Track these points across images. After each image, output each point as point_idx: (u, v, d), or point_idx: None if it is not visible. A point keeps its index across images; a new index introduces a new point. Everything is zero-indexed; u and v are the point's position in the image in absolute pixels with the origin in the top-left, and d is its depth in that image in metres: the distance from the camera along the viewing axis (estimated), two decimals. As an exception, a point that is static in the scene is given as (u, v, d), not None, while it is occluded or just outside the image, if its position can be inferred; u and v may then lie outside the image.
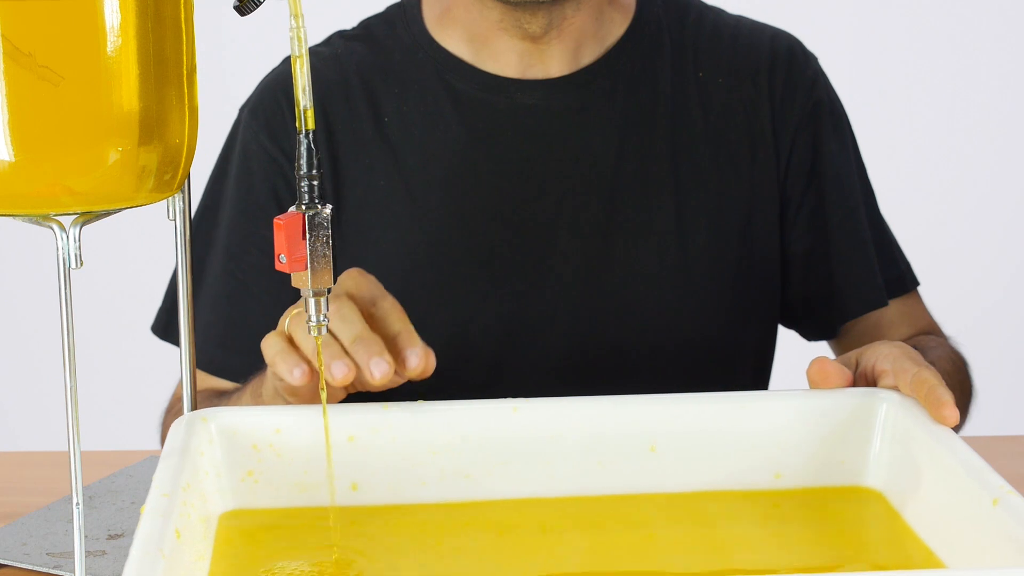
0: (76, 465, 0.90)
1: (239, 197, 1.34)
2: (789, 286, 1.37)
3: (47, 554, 1.11)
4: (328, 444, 0.97)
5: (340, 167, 1.31)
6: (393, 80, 1.34)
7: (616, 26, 1.34)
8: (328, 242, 0.92)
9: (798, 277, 1.37)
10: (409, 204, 1.31)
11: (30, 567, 1.09)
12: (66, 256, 0.87)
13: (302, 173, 0.91)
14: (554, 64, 1.32)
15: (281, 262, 0.91)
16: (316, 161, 0.91)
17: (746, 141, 1.34)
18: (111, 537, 1.14)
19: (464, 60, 1.33)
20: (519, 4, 1.26)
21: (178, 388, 1.40)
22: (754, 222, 1.34)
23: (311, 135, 0.91)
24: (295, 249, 0.91)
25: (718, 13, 1.39)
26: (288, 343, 1.01)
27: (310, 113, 0.91)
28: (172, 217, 0.98)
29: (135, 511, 1.20)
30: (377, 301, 1.03)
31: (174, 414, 1.35)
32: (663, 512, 0.99)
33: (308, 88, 0.91)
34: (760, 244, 1.34)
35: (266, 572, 0.91)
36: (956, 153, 2.82)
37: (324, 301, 0.94)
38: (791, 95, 1.35)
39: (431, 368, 1.00)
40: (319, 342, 0.97)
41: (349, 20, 1.39)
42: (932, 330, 1.42)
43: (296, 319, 1.00)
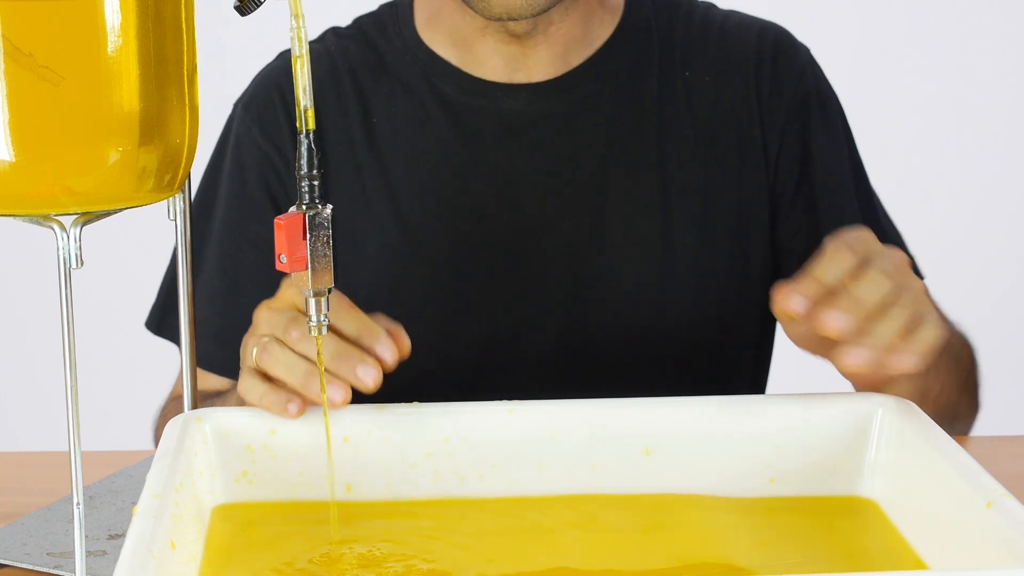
0: (76, 465, 0.90)
1: (233, 192, 1.34)
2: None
3: (47, 554, 1.11)
4: (328, 441, 0.97)
5: (328, 166, 1.31)
6: (383, 81, 1.33)
7: (604, 27, 1.33)
8: (328, 242, 0.92)
9: (793, 274, 1.35)
10: (393, 206, 1.30)
11: (30, 567, 1.09)
12: (66, 256, 0.87)
13: (303, 173, 0.91)
14: (540, 68, 1.30)
15: (282, 262, 0.92)
16: (317, 161, 0.91)
17: (734, 140, 1.32)
18: (111, 537, 1.13)
19: (451, 63, 1.32)
20: (500, 19, 1.24)
21: (171, 390, 1.40)
22: (744, 223, 1.32)
23: (311, 135, 0.91)
24: (295, 249, 0.92)
25: (708, 8, 1.37)
26: (264, 380, 1.00)
27: (311, 113, 0.91)
28: (172, 217, 0.98)
29: (135, 511, 1.20)
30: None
31: (165, 417, 1.35)
32: (657, 515, 0.98)
33: (309, 88, 0.90)
34: (752, 245, 1.32)
35: (258, 572, 0.91)
36: (956, 154, 2.82)
37: (324, 301, 0.94)
38: (778, 89, 1.33)
39: (406, 347, 1.00)
40: (319, 342, 0.97)
41: (348, 20, 1.40)
42: None
43: (262, 348, 1.00)
